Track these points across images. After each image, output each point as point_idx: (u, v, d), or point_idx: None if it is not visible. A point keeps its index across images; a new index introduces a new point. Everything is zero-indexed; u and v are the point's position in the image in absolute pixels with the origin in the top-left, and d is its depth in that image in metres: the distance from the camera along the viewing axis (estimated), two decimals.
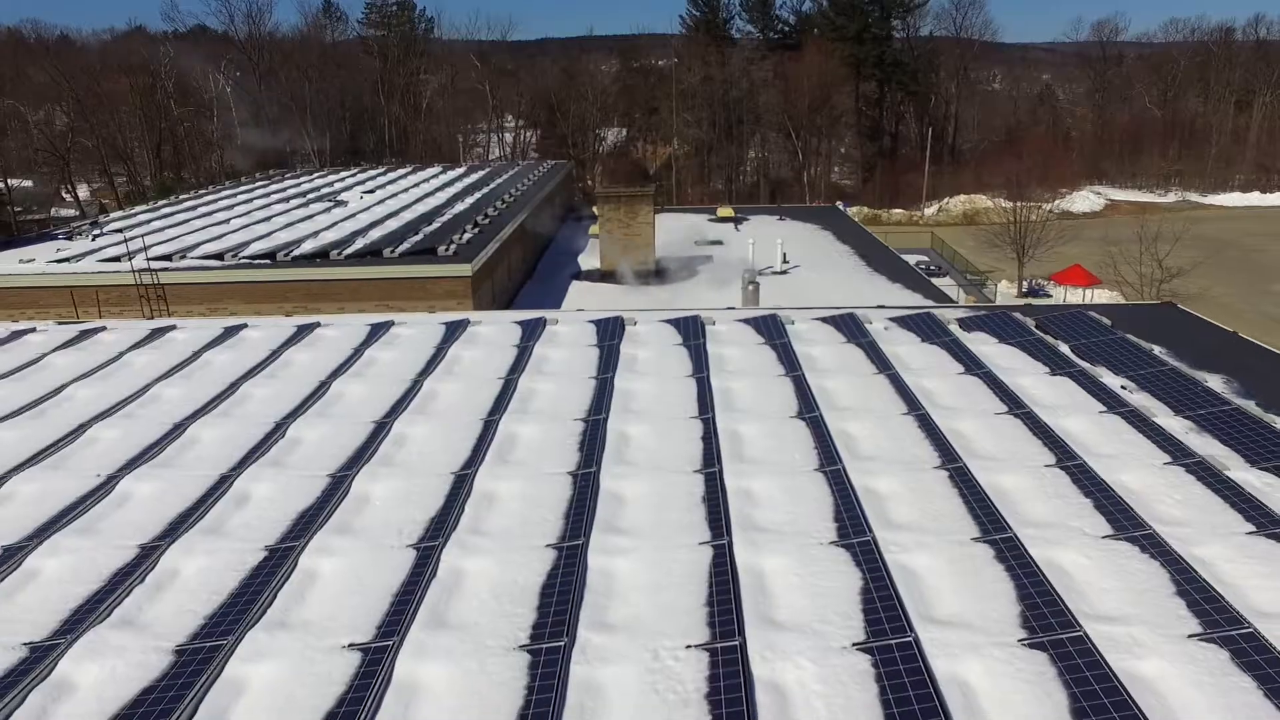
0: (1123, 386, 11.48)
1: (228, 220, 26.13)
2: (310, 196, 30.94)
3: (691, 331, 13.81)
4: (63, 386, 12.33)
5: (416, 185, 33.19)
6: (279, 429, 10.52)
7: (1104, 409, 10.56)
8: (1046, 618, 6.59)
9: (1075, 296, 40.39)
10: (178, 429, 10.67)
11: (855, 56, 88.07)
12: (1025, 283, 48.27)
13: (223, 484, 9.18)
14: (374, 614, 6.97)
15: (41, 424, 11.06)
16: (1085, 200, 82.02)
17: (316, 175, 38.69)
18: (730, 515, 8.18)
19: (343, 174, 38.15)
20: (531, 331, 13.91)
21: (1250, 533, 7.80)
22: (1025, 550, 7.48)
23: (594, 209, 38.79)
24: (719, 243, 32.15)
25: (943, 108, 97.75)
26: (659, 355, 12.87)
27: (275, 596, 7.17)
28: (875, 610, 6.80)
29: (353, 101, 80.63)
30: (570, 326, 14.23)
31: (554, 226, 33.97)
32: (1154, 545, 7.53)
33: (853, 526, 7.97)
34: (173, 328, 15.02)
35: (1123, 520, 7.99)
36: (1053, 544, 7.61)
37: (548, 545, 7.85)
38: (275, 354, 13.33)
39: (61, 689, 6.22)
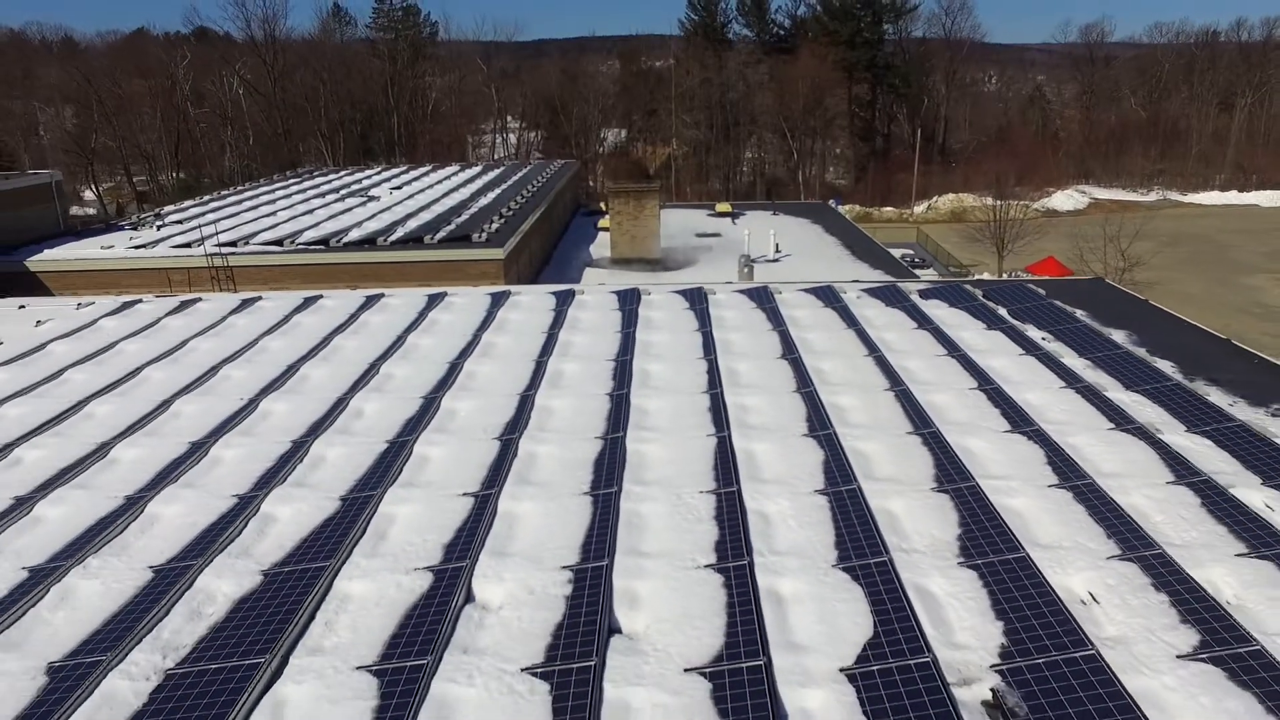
0: (1043, 338, 14.33)
1: (275, 213, 28.92)
2: (343, 192, 33.71)
3: (696, 299, 16.64)
4: (185, 341, 15.13)
5: (440, 182, 35.97)
6: (373, 368, 13.33)
7: (1023, 352, 13.41)
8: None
9: None
10: (291, 369, 13.48)
11: (848, 60, 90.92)
12: (1005, 274, 51.11)
13: (339, 405, 11.98)
14: (480, 470, 9.79)
15: (180, 368, 13.85)
16: (1069, 199, 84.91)
17: (343, 173, 41.45)
18: (729, 419, 11.00)
19: (367, 172, 40.88)
20: (564, 299, 16.73)
21: (1110, 429, 10.64)
22: (945, 439, 10.32)
23: (602, 204, 41.64)
24: (717, 235, 34.95)
25: (934, 109, 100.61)
26: (671, 316, 15.69)
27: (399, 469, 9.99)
28: (832, 472, 9.63)
29: (362, 103, 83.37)
30: (596, 295, 17.05)
31: (566, 219, 36.78)
32: (1023, 424, 10.39)
33: (820, 427, 10.79)
34: (259, 298, 17.83)
35: (1019, 421, 10.83)
36: (965, 432, 10.45)
37: (596, 438, 10.67)
38: (353, 317, 16.14)
39: (266, 522, 9.02)
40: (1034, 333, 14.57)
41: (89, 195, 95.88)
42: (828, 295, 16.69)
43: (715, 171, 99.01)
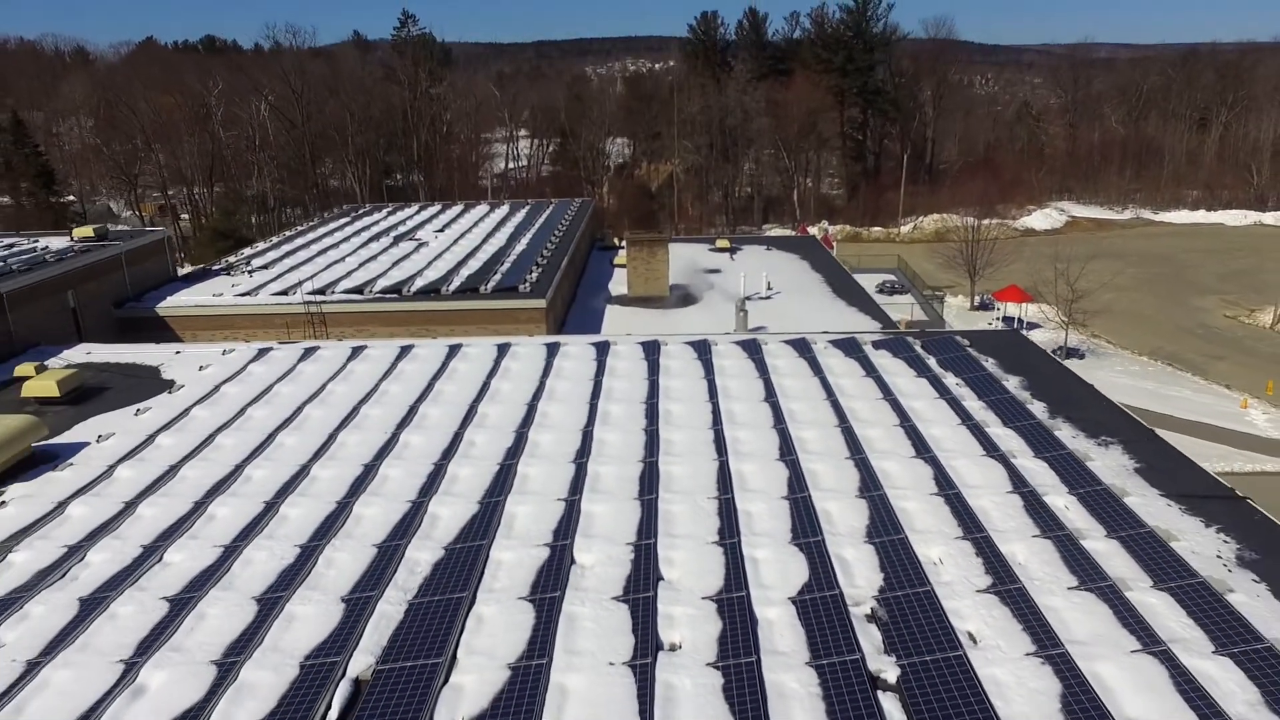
0: (956, 384, 19.61)
1: (344, 258, 34.19)
2: (394, 234, 39.00)
3: (702, 349, 21.92)
4: (324, 385, 20.38)
5: (475, 224, 41.22)
6: (472, 409, 18.61)
7: (937, 396, 18.69)
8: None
9: (1014, 310, 48.64)
10: (413, 410, 18.74)
11: (840, 87, 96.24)
12: (977, 297, 56.45)
13: (456, 438, 17.24)
14: (565, 484, 15.05)
15: (329, 409, 19.09)
16: (1046, 218, 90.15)
17: (385, 211, 46.72)
18: (727, 448, 16.27)
19: (406, 213, 46.11)
20: (603, 350, 22.02)
21: (981, 455, 15.91)
22: (870, 463, 15.59)
23: (615, 239, 46.95)
24: (718, 270, 40.20)
25: (922, 130, 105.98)
26: (683, 365, 20.97)
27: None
28: (793, 485, 14.89)
29: (383, 126, 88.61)
30: (626, 346, 22.34)
31: (586, 256, 42.07)
32: (924, 452, 15.69)
33: (788, 453, 16.04)
34: (366, 347, 23.09)
35: (922, 449, 16.10)
36: (884, 458, 15.72)
37: (638, 461, 15.93)
38: (444, 365, 21.42)
39: (432, 519, 14.26)
40: (950, 379, 19.85)
41: (123, 212, 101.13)
42: (801, 346, 21.98)
43: (715, 189, 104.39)
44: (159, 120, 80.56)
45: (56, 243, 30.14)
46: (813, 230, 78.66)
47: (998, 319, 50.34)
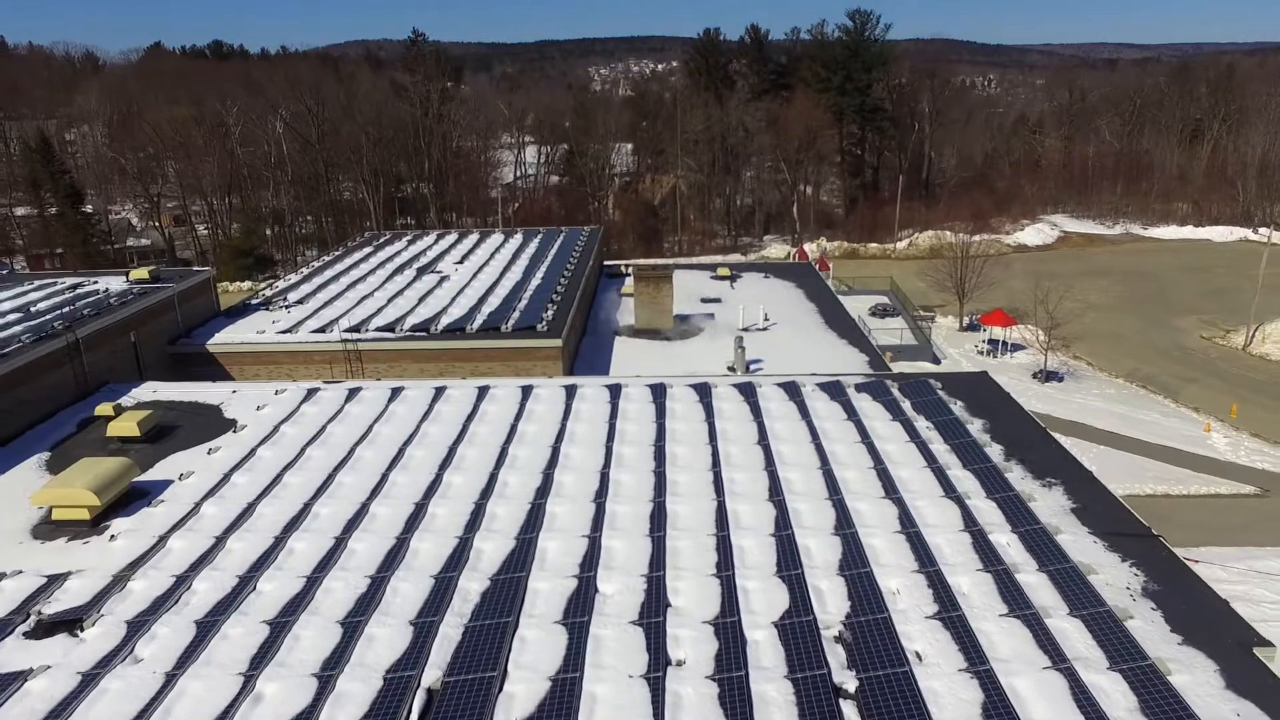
0: (927, 427, 22.38)
1: (373, 293, 37.02)
2: (417, 268, 41.86)
3: (703, 393, 24.72)
4: (370, 427, 23.19)
5: (492, 256, 44.05)
6: (504, 452, 21.40)
7: (908, 440, 21.47)
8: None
9: (1000, 334, 51.48)
10: (452, 450, 21.54)
11: (838, 105, 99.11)
12: (966, 318, 59.23)
13: (493, 479, 20.03)
14: (587, 522, 17.85)
15: (378, 450, 21.90)
16: (1039, 233, 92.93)
17: (405, 239, 49.59)
18: (724, 489, 19.05)
19: (425, 243, 48.94)
20: (615, 392, 24.82)
21: (941, 496, 18.70)
22: (846, 503, 18.38)
23: (623, 267, 49.75)
24: (718, 300, 42.99)
25: (919, 146, 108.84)
26: (686, 408, 23.76)
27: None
28: (779, 523, 17.68)
29: (394, 144, 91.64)
30: (636, 388, 25.13)
31: (596, 284, 44.88)
32: (892, 493, 18.48)
33: (775, 494, 18.83)
34: (403, 389, 25.90)
35: (890, 490, 18.88)
36: (858, 499, 18.51)
37: (648, 501, 18.73)
38: (476, 407, 24.20)
39: (477, 554, 17.06)
40: (921, 423, 22.63)
41: (140, 223, 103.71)
42: (792, 390, 24.77)
43: (717, 203, 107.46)
44: (177, 139, 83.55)
45: (114, 283, 32.99)
46: (809, 249, 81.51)
47: (984, 341, 53.12)
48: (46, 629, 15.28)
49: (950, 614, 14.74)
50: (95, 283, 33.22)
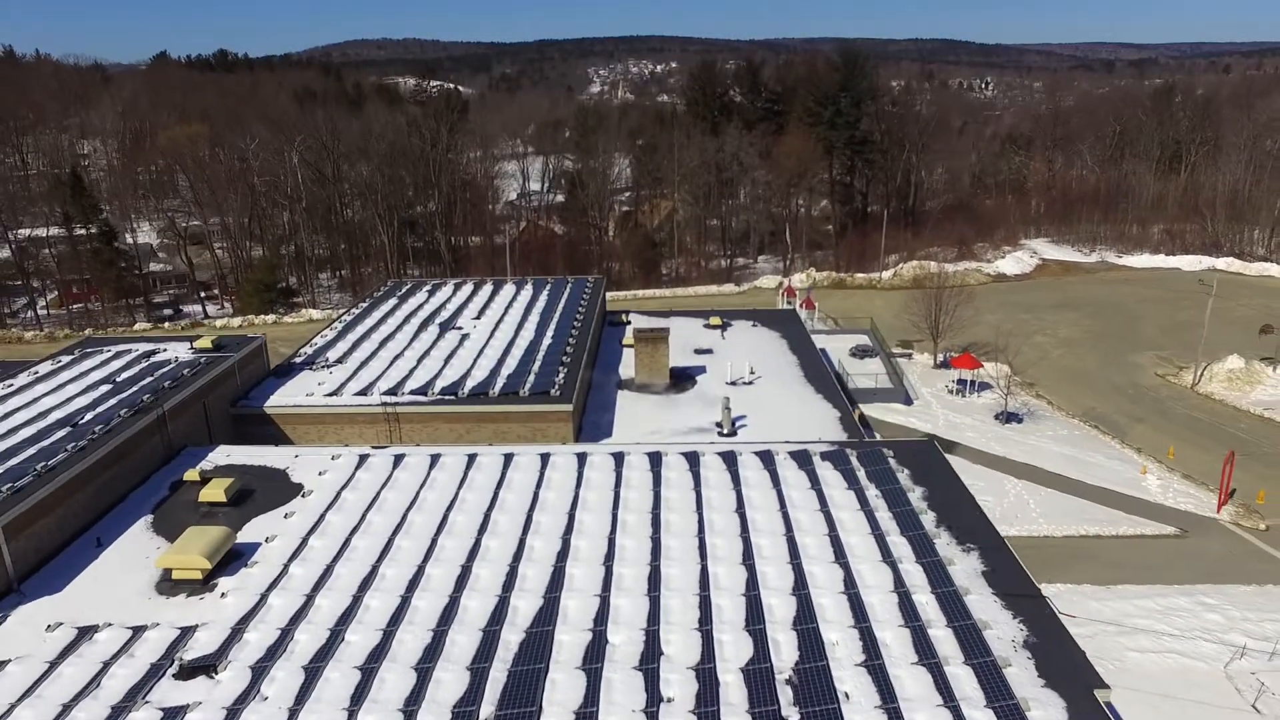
0: (875, 495, 27.23)
1: (403, 353, 41.88)
2: (439, 322, 46.74)
3: (693, 460, 29.58)
4: (417, 494, 28.02)
5: (506, 310, 48.94)
6: (529, 519, 26.23)
7: (859, 508, 26.33)
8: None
9: (967, 375, 56.52)
10: (486, 518, 26.37)
11: (829, 139, 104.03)
12: (940, 355, 64.04)
13: (521, 544, 24.88)
14: (598, 583, 22.70)
15: (426, 516, 26.71)
16: (1018, 261, 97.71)
17: (425, 289, 54.49)
18: (707, 553, 23.90)
19: (444, 294, 53.80)
20: (619, 460, 29.68)
21: (879, 560, 23.56)
22: (803, 567, 23.23)
23: (624, 316, 54.62)
24: (709, 351, 47.88)
25: (906, 176, 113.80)
26: (678, 475, 28.62)
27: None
28: (749, 584, 22.53)
29: (405, 181, 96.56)
30: (637, 457, 29.99)
31: (599, 336, 49.78)
32: (840, 558, 23.37)
33: (747, 559, 23.68)
34: (441, 455, 30.73)
35: (839, 555, 23.74)
36: (813, 563, 23.36)
37: (647, 564, 23.58)
38: (503, 474, 29.03)
39: (513, 610, 21.91)
40: (872, 491, 27.48)
41: (187, 266, 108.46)
42: (766, 458, 29.64)
43: (713, 228, 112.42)
44: (190, 157, 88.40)
45: (180, 350, 37.82)
46: (798, 280, 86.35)
47: (954, 381, 57.93)
48: (188, 672, 20.11)
49: (874, 662, 19.60)
50: (165, 349, 38.05)
